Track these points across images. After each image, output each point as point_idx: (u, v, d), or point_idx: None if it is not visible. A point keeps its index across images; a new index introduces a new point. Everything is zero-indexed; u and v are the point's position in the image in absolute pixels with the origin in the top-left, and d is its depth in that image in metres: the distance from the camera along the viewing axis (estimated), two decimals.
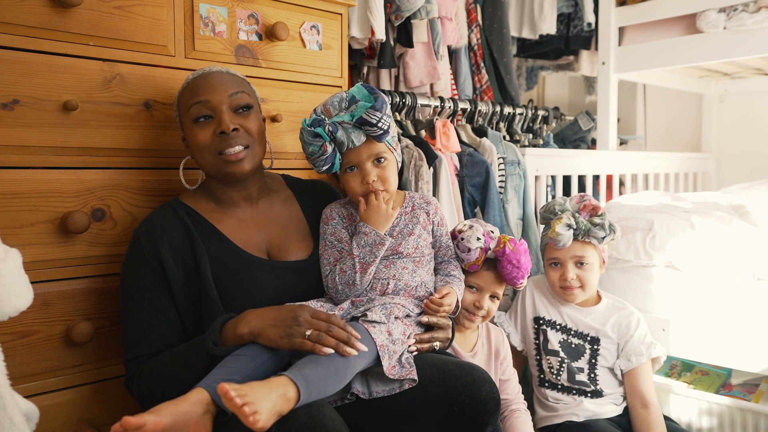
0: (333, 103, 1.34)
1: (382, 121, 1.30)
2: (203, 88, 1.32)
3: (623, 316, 1.78)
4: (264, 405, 0.97)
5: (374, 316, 1.23)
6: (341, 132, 1.30)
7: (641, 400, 1.72)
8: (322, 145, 1.31)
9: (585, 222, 1.71)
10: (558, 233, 1.70)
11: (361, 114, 1.29)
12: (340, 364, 1.12)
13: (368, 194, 1.35)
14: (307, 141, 1.32)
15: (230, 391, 0.95)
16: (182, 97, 1.36)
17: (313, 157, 1.34)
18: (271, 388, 1.01)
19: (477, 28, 2.81)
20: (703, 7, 2.58)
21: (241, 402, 0.94)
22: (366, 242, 1.31)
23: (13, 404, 1.02)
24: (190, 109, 1.32)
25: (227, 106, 1.32)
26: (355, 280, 1.31)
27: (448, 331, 1.36)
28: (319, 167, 1.35)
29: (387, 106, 1.31)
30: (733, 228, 1.99)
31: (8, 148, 1.27)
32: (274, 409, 0.99)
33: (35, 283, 1.13)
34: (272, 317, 1.17)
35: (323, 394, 1.10)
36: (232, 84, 1.34)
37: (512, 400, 1.68)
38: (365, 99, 1.31)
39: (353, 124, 1.31)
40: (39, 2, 1.28)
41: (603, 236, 1.70)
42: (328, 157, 1.32)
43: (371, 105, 1.29)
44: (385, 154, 1.36)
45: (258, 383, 1.01)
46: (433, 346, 1.32)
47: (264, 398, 0.98)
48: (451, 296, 1.37)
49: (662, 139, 3.75)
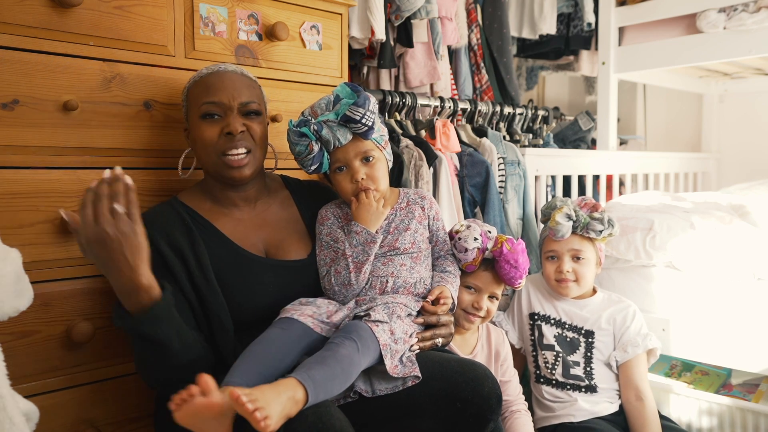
0: (320, 105, 1.36)
1: (366, 117, 1.30)
2: (216, 88, 1.33)
3: (619, 309, 1.79)
4: (274, 409, 0.98)
5: (377, 315, 1.23)
6: (326, 130, 1.32)
7: (636, 392, 1.72)
8: (308, 145, 1.32)
9: (584, 215, 1.75)
10: (558, 222, 1.72)
11: (344, 111, 1.30)
12: (346, 364, 1.12)
13: (359, 193, 1.35)
14: (294, 141, 1.34)
15: (242, 397, 0.95)
16: (193, 91, 1.36)
17: (300, 157, 1.35)
18: (280, 392, 1.01)
19: (477, 28, 2.81)
20: (703, 7, 2.58)
21: (252, 408, 0.95)
22: (358, 241, 1.32)
23: (13, 404, 1.02)
24: (201, 106, 1.33)
25: (237, 110, 1.34)
26: (350, 280, 1.31)
27: (450, 326, 1.37)
28: (308, 167, 1.36)
29: (370, 103, 1.32)
30: (733, 228, 1.99)
31: (8, 148, 1.27)
32: (283, 412, 1.00)
33: (35, 283, 1.13)
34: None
35: (330, 394, 1.10)
36: (244, 89, 1.36)
37: (513, 401, 1.68)
38: (348, 96, 1.32)
39: (338, 122, 1.32)
40: (39, 2, 1.28)
41: (601, 230, 1.72)
42: (315, 156, 1.33)
43: (353, 102, 1.30)
44: (374, 152, 1.36)
45: (268, 387, 1.02)
46: (436, 343, 1.33)
47: (274, 402, 0.98)
48: (446, 295, 1.37)
49: (662, 139, 3.75)
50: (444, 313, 1.36)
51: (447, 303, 1.37)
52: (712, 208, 2.16)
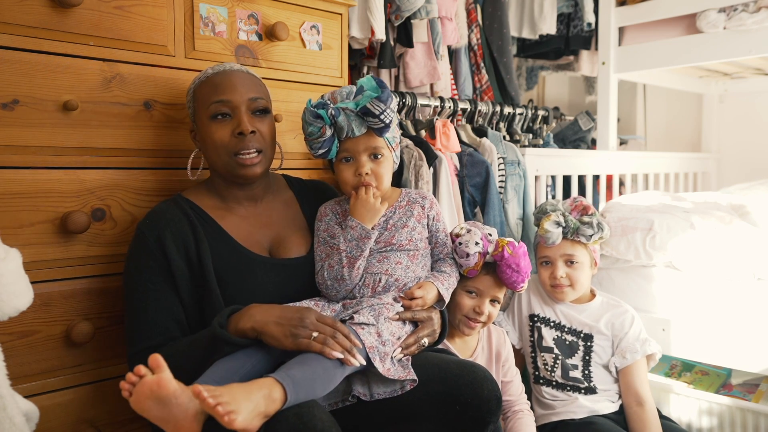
0: (341, 92, 1.35)
1: (385, 114, 1.29)
2: (224, 87, 1.32)
3: (617, 313, 1.78)
4: (243, 405, 0.96)
5: (362, 318, 1.22)
6: (343, 117, 1.31)
7: (636, 397, 1.72)
8: (321, 128, 1.31)
9: (574, 220, 1.74)
10: (546, 230, 1.72)
11: (365, 103, 1.29)
12: (329, 365, 1.12)
13: (359, 187, 1.35)
14: (308, 121, 1.32)
15: (203, 392, 0.94)
16: (200, 91, 1.35)
17: (310, 138, 1.34)
18: (251, 390, 1.00)
19: (477, 28, 2.81)
20: (703, 7, 2.58)
21: (214, 402, 0.94)
22: (352, 236, 1.31)
23: (13, 404, 1.02)
24: (210, 106, 1.32)
25: (246, 107, 1.33)
26: (343, 275, 1.31)
27: (431, 323, 1.35)
28: (315, 150, 1.34)
29: (392, 101, 1.31)
30: (733, 228, 1.99)
31: (8, 148, 1.27)
32: (257, 409, 0.98)
33: (35, 283, 1.14)
34: (277, 314, 1.16)
35: (312, 394, 1.09)
36: (252, 87, 1.35)
37: (515, 401, 1.68)
38: (372, 89, 1.31)
39: (356, 112, 1.31)
40: (39, 2, 1.28)
41: (591, 234, 1.72)
42: (326, 140, 1.32)
43: (377, 96, 1.29)
44: (383, 150, 1.36)
45: (237, 385, 1.01)
46: (422, 345, 1.32)
47: (243, 399, 0.97)
48: (424, 287, 1.35)
49: (662, 139, 3.75)
50: (420, 305, 1.33)
51: (425, 296, 1.34)
52: (712, 208, 2.16)
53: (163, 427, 0.99)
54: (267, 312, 1.17)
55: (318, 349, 1.11)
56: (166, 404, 0.97)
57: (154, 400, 0.97)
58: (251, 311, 1.17)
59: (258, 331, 1.15)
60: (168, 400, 0.97)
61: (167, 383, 0.97)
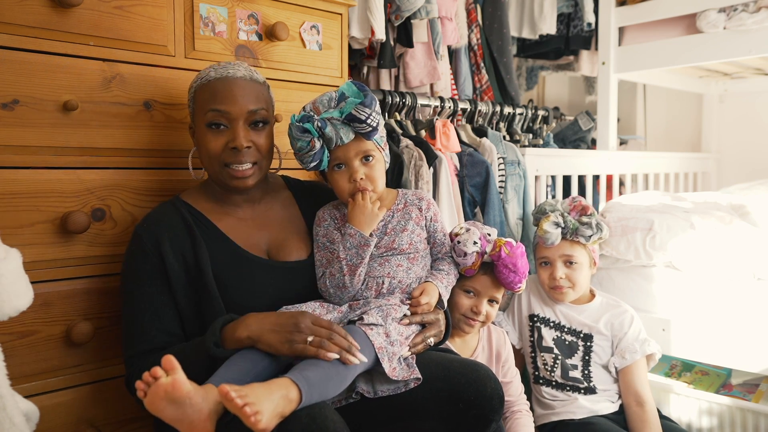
0: (322, 101, 1.34)
1: (371, 118, 1.30)
2: (224, 96, 1.31)
3: (617, 314, 1.78)
4: (265, 406, 0.97)
5: (371, 319, 1.23)
6: (330, 128, 1.30)
7: (636, 397, 1.72)
8: (310, 141, 1.31)
9: (573, 221, 1.74)
10: (545, 231, 1.72)
11: (350, 110, 1.29)
12: (341, 366, 1.12)
13: (355, 193, 1.35)
14: (296, 136, 1.32)
15: (231, 392, 0.95)
16: (200, 95, 1.33)
17: (300, 153, 1.34)
18: (272, 390, 1.01)
19: (477, 28, 2.81)
20: (703, 7, 2.58)
21: (242, 403, 0.95)
22: (351, 244, 1.32)
23: (13, 404, 1.02)
24: (207, 114, 1.31)
25: (244, 120, 1.32)
26: (344, 283, 1.31)
27: (438, 324, 1.37)
28: (307, 164, 1.34)
29: (376, 104, 1.32)
30: (733, 228, 1.99)
31: (8, 148, 1.27)
32: (276, 410, 0.99)
33: (35, 283, 1.14)
34: (272, 322, 1.17)
35: (325, 395, 1.10)
36: (253, 98, 1.33)
37: (514, 401, 1.68)
38: (354, 95, 1.31)
39: (342, 120, 1.31)
40: (39, 2, 1.28)
41: (590, 234, 1.72)
42: (316, 153, 1.32)
43: (360, 101, 1.29)
44: (374, 152, 1.36)
45: (259, 385, 1.01)
46: (428, 344, 1.33)
47: (265, 399, 0.98)
48: (428, 292, 1.36)
49: (662, 139, 3.75)
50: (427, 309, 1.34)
51: (430, 299, 1.35)
52: (712, 208, 2.16)
53: (178, 427, 1.00)
54: (262, 320, 1.17)
55: (314, 353, 1.12)
56: (181, 405, 0.98)
57: (168, 401, 0.98)
58: (247, 321, 1.18)
59: (254, 340, 1.15)
60: (182, 401, 0.98)
61: (182, 385, 0.98)
